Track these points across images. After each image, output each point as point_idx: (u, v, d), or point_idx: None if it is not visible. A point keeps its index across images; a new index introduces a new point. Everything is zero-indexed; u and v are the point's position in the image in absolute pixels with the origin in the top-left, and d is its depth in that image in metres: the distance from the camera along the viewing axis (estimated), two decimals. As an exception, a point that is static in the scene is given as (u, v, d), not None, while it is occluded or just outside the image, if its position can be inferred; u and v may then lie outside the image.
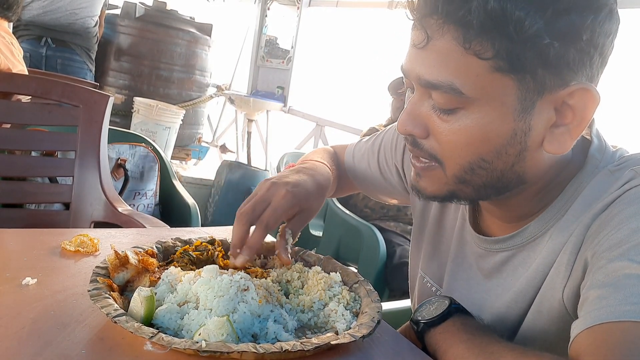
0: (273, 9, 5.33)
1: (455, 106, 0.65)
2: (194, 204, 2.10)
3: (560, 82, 0.63)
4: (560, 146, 0.66)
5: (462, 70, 0.63)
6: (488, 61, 0.61)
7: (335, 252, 2.50)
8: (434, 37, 0.64)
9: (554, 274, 0.70)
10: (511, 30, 0.59)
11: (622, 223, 0.62)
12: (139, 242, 0.86)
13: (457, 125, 0.66)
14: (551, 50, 0.60)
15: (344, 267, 0.85)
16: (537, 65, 0.61)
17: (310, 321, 0.72)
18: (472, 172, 0.68)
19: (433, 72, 0.64)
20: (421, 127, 0.69)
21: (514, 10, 0.58)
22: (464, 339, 0.66)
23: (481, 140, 0.66)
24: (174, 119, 4.17)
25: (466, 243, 0.85)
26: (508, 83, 0.63)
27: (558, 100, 0.64)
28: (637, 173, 0.67)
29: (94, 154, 1.65)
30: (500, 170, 0.68)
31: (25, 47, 3.25)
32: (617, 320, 0.55)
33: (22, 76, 1.89)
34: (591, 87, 0.63)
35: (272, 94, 5.15)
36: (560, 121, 0.66)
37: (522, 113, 0.64)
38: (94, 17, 3.86)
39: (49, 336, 0.59)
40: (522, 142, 0.66)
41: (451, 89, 0.63)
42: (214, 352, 0.57)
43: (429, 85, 0.65)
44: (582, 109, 0.64)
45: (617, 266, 0.59)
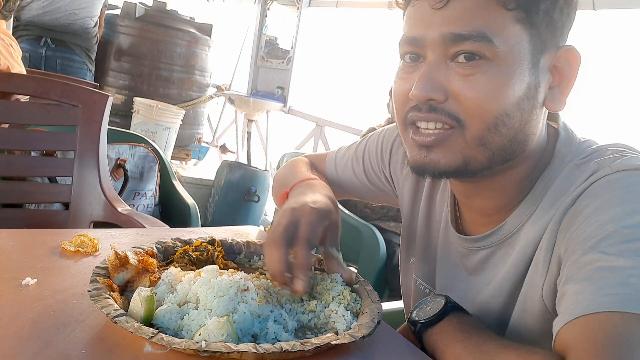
0: (273, 9, 5.33)
1: (484, 55, 0.66)
2: (194, 204, 2.10)
3: (554, 43, 0.69)
4: (558, 103, 0.71)
5: (492, 20, 0.65)
6: (512, 12, 0.65)
7: (335, 252, 2.50)
8: None
9: (533, 271, 0.72)
10: None
11: (590, 217, 0.64)
12: (138, 242, 0.86)
13: (484, 78, 0.66)
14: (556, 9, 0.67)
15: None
16: (544, 22, 0.67)
17: (310, 322, 0.72)
18: (496, 130, 0.68)
19: (461, 25, 0.66)
20: (441, 91, 0.68)
21: None
22: (461, 339, 0.67)
23: (507, 91, 0.67)
24: (174, 119, 4.17)
25: (450, 243, 0.87)
26: (524, 37, 0.67)
27: (551, 62, 0.70)
28: (600, 165, 0.69)
29: (93, 154, 1.65)
30: (516, 129, 0.70)
31: (24, 47, 3.26)
32: (594, 312, 0.56)
33: (21, 76, 1.89)
34: (574, 47, 0.70)
35: (272, 94, 5.15)
36: (553, 82, 0.71)
37: (533, 68, 0.68)
38: (93, 17, 3.86)
39: (49, 336, 0.59)
40: (534, 96, 0.69)
41: (482, 37, 0.65)
42: (214, 352, 0.57)
43: (458, 37, 0.66)
44: (568, 69, 0.70)
45: (589, 259, 0.60)
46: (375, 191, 1.05)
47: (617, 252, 0.59)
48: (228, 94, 5.19)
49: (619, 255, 0.59)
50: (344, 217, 2.44)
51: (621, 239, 0.60)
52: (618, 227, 0.61)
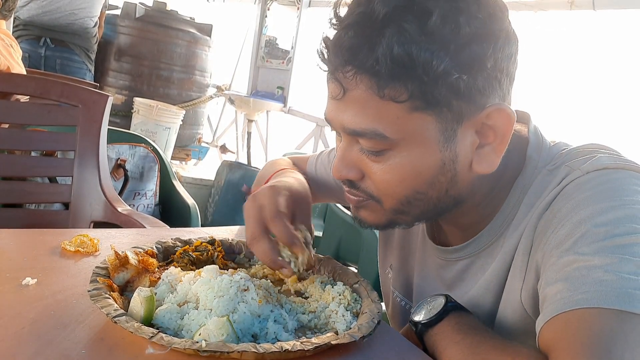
0: (273, 10, 5.33)
1: (383, 148, 0.68)
2: (194, 204, 2.10)
3: (475, 107, 0.66)
4: (489, 165, 0.70)
5: (382, 116, 0.65)
6: (405, 103, 0.64)
7: (335, 252, 2.50)
8: (350, 88, 0.66)
9: (512, 277, 0.73)
10: (420, 72, 0.62)
11: (564, 220, 0.65)
12: (138, 242, 0.86)
13: (388, 165, 0.68)
14: (461, 83, 0.63)
15: (344, 267, 0.85)
16: (450, 98, 0.64)
17: (310, 322, 0.72)
18: (409, 204, 0.71)
19: (355, 121, 0.67)
20: (355, 170, 0.72)
21: (419, 53, 0.61)
22: (457, 340, 0.67)
23: (413, 175, 0.69)
24: (174, 119, 4.17)
25: (428, 256, 0.87)
26: (427, 119, 0.66)
27: (477, 124, 0.68)
28: (571, 169, 0.69)
29: (93, 154, 1.65)
30: (436, 198, 0.71)
31: (24, 47, 3.25)
32: (572, 309, 0.58)
33: (21, 76, 1.89)
34: (504, 106, 0.67)
35: (272, 94, 5.15)
36: (484, 141, 0.69)
37: (446, 143, 0.67)
38: (93, 17, 3.86)
39: (49, 336, 0.59)
40: (451, 169, 0.69)
41: (375, 134, 0.66)
42: (214, 352, 0.57)
43: (354, 132, 0.68)
44: (501, 127, 0.68)
45: (566, 261, 0.62)
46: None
47: (591, 251, 0.60)
48: (228, 94, 5.19)
49: (594, 254, 0.60)
50: (344, 217, 2.44)
51: (594, 238, 0.61)
52: (591, 227, 0.62)
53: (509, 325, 0.73)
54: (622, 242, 0.60)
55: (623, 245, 0.60)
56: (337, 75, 0.67)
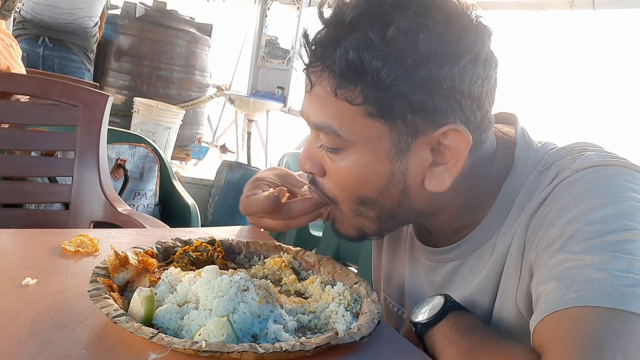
0: (273, 9, 5.33)
1: (337, 146, 0.70)
2: (194, 204, 2.09)
3: (431, 125, 0.66)
4: (439, 184, 0.70)
5: (339, 114, 0.67)
6: (359, 107, 0.66)
7: (335, 252, 2.50)
8: (316, 83, 0.69)
9: (505, 279, 0.73)
10: (370, 80, 0.63)
11: (555, 219, 0.65)
12: (138, 242, 0.86)
13: (341, 165, 0.71)
14: (414, 98, 0.64)
15: (344, 267, 0.85)
16: (405, 111, 0.65)
17: (310, 322, 0.72)
18: (364, 206, 0.73)
19: (317, 115, 0.69)
20: (318, 166, 0.74)
21: (371, 61, 0.62)
22: (454, 341, 0.67)
23: (361, 180, 0.70)
24: (174, 119, 4.17)
25: (417, 260, 0.87)
26: (380, 127, 0.67)
27: (433, 141, 0.68)
28: (561, 168, 0.70)
29: (93, 154, 1.65)
30: (390, 207, 0.72)
31: (22, 46, 3.25)
32: (564, 308, 0.58)
33: (21, 76, 1.89)
34: (461, 128, 0.67)
35: (272, 94, 5.15)
36: (440, 160, 0.69)
37: (398, 155, 0.69)
38: (92, 17, 3.86)
39: (49, 336, 0.59)
40: (401, 181, 0.70)
41: (331, 130, 0.68)
42: (214, 352, 0.57)
43: (315, 126, 0.71)
44: (456, 149, 0.68)
45: (558, 260, 0.62)
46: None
47: (583, 249, 0.61)
48: (228, 94, 5.19)
49: (585, 253, 0.60)
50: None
51: (585, 236, 0.61)
52: (581, 226, 0.62)
53: (505, 327, 0.73)
54: (613, 239, 0.60)
55: (614, 243, 0.60)
56: (309, 70, 0.70)
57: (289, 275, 0.84)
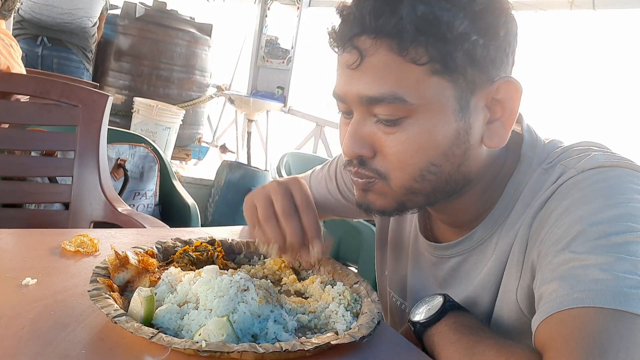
0: (273, 9, 5.33)
1: (401, 116, 0.67)
2: (194, 204, 2.09)
3: (486, 78, 0.67)
4: (499, 139, 0.70)
5: (403, 78, 0.65)
6: (425, 66, 0.65)
7: (335, 252, 2.50)
8: (368, 54, 0.66)
9: (507, 276, 0.72)
10: (444, 31, 0.63)
11: (559, 219, 0.65)
12: (139, 242, 0.86)
13: (404, 135, 0.68)
14: (477, 49, 0.65)
15: (344, 267, 0.85)
16: (466, 64, 0.65)
17: (310, 322, 0.72)
18: (422, 179, 0.70)
19: (374, 87, 0.66)
20: (368, 147, 0.71)
21: (442, 13, 0.63)
22: (453, 340, 0.67)
23: (429, 144, 0.68)
24: (174, 119, 4.16)
25: (420, 254, 0.86)
26: (445, 85, 0.66)
27: (488, 97, 0.69)
28: (566, 167, 0.70)
29: (93, 154, 1.65)
30: (448, 173, 0.70)
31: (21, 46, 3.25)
32: (568, 309, 0.58)
33: (21, 76, 1.89)
34: (513, 79, 0.68)
35: (272, 94, 5.15)
36: (493, 116, 0.70)
37: (461, 113, 0.68)
38: (91, 17, 3.85)
39: (49, 336, 0.59)
40: (465, 141, 0.69)
41: (395, 98, 0.66)
42: (214, 352, 0.57)
43: (372, 100, 0.67)
44: (509, 101, 0.69)
45: (561, 260, 0.62)
46: (352, 208, 1.02)
47: (587, 250, 0.60)
48: (228, 94, 5.19)
49: (590, 253, 0.60)
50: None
51: (590, 237, 0.61)
52: (586, 226, 0.62)
53: (506, 325, 0.73)
54: (618, 240, 0.60)
55: (619, 244, 0.60)
56: (354, 43, 0.67)
57: (289, 275, 0.84)
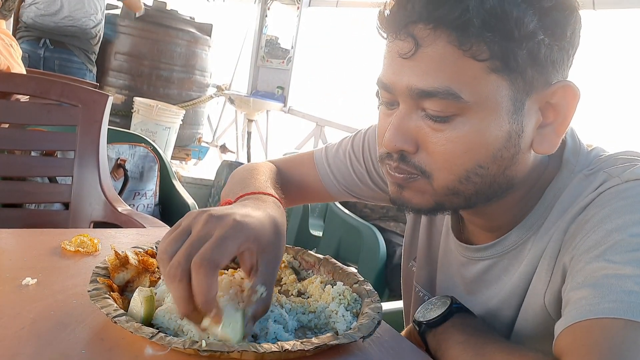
0: (273, 9, 5.33)
1: (452, 113, 0.63)
2: (194, 204, 2.10)
3: (544, 81, 0.64)
4: (550, 145, 0.67)
5: (459, 73, 0.62)
6: (484, 62, 0.61)
7: (335, 252, 2.50)
8: (424, 44, 0.62)
9: (536, 280, 0.70)
10: (512, 28, 0.59)
11: (597, 225, 0.62)
12: (138, 242, 0.86)
13: (454, 133, 0.64)
14: (542, 48, 0.61)
15: (344, 267, 0.85)
16: (527, 64, 0.62)
17: (310, 322, 0.72)
18: (467, 181, 0.67)
19: (427, 80, 0.63)
20: (411, 142, 0.67)
21: (512, 8, 0.59)
22: (461, 341, 0.66)
23: (480, 145, 0.65)
24: (174, 119, 4.17)
25: (450, 251, 0.85)
26: (502, 84, 0.63)
27: (542, 100, 0.65)
28: (609, 175, 0.67)
29: (93, 154, 1.65)
30: (494, 175, 0.67)
31: (24, 47, 3.25)
32: (597, 318, 0.56)
33: (21, 76, 1.89)
34: (571, 83, 0.65)
35: (272, 94, 5.15)
36: (545, 121, 0.67)
37: (515, 114, 0.64)
38: (92, 16, 3.85)
39: (49, 336, 0.59)
40: (516, 144, 0.66)
41: (449, 94, 0.62)
42: (214, 351, 0.57)
43: (423, 94, 0.63)
44: (564, 106, 0.66)
45: (595, 267, 0.59)
46: (379, 192, 0.97)
47: (623, 260, 0.58)
48: (228, 94, 5.19)
49: (626, 264, 0.58)
50: (344, 217, 2.44)
51: (628, 247, 0.59)
52: (625, 236, 0.59)
53: (530, 329, 0.71)
54: None
55: None
56: (410, 31, 0.63)
57: (289, 275, 0.84)
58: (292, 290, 0.81)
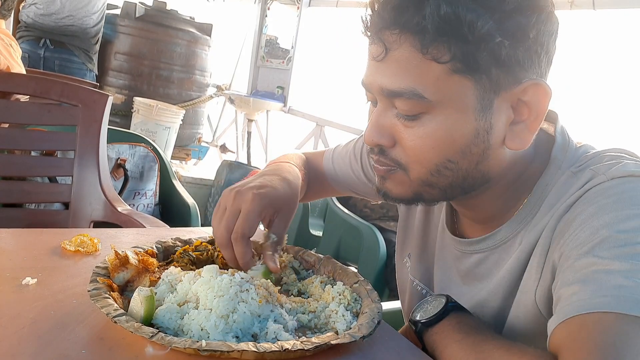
0: (273, 9, 5.33)
1: (419, 111, 0.67)
2: (194, 204, 2.10)
3: (513, 80, 0.66)
4: (522, 142, 0.69)
5: (423, 75, 0.65)
6: (446, 64, 0.64)
7: (335, 252, 2.50)
8: (392, 48, 0.66)
9: (527, 277, 0.72)
10: (465, 32, 0.62)
11: (584, 223, 0.64)
12: (139, 242, 0.86)
13: (422, 130, 0.68)
14: (502, 50, 0.63)
15: (344, 267, 0.85)
16: (490, 64, 0.64)
17: (310, 322, 0.72)
18: (439, 174, 0.70)
19: (395, 81, 0.67)
20: (388, 137, 0.71)
21: (465, 13, 0.62)
22: (458, 339, 0.67)
23: (446, 141, 0.68)
24: (174, 119, 4.17)
25: (446, 245, 0.87)
26: (466, 84, 0.65)
27: (513, 98, 0.67)
28: (595, 173, 0.69)
29: (93, 154, 1.65)
30: (465, 170, 0.70)
31: (24, 48, 3.25)
32: (588, 312, 0.57)
33: (21, 76, 1.89)
34: (542, 82, 0.67)
35: (272, 94, 5.15)
36: (518, 118, 0.69)
37: (482, 112, 0.67)
38: (92, 15, 3.85)
39: (49, 336, 0.59)
40: (485, 140, 0.69)
41: (414, 94, 0.66)
42: (214, 351, 0.57)
43: (392, 94, 0.67)
44: (536, 104, 0.67)
45: (584, 263, 0.61)
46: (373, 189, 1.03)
47: (612, 256, 0.59)
48: (228, 93, 5.19)
49: (614, 259, 0.59)
50: (344, 217, 2.44)
51: (616, 243, 0.60)
52: (612, 232, 0.61)
53: (521, 326, 0.72)
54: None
55: None
56: (381, 36, 0.67)
57: (289, 275, 0.84)
58: (292, 290, 0.81)
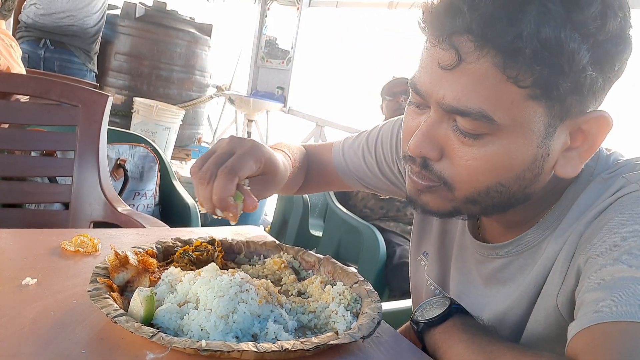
0: (273, 9, 5.33)
1: (483, 132, 0.63)
2: (194, 204, 2.10)
3: (582, 108, 0.63)
4: (573, 169, 0.67)
5: (497, 97, 0.60)
6: (525, 89, 0.59)
7: (335, 252, 2.50)
8: (467, 60, 0.60)
9: (550, 281, 0.70)
10: (564, 62, 0.57)
11: (614, 229, 0.62)
12: (138, 242, 0.86)
13: (482, 151, 0.64)
14: (587, 80, 0.59)
15: (344, 267, 0.85)
16: (568, 93, 0.60)
17: (310, 322, 0.72)
18: (487, 195, 0.67)
19: (463, 98, 0.61)
20: (437, 150, 0.66)
21: (568, 42, 0.57)
22: (464, 339, 0.66)
23: (505, 166, 0.64)
24: (174, 119, 4.17)
25: (466, 248, 0.85)
26: (538, 110, 0.61)
27: (575, 126, 0.64)
28: (628, 181, 0.67)
29: (93, 154, 1.65)
30: (514, 192, 0.68)
31: (24, 48, 3.25)
32: (614, 321, 0.55)
33: (21, 76, 1.89)
34: (606, 114, 0.64)
35: (272, 94, 5.16)
36: (572, 145, 0.66)
37: (545, 139, 0.64)
38: (92, 15, 3.85)
39: (49, 336, 0.59)
40: (540, 166, 0.66)
41: (482, 116, 0.61)
42: (214, 351, 0.57)
43: (456, 111, 0.62)
44: (594, 134, 0.65)
45: (611, 270, 0.59)
46: (387, 184, 1.00)
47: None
48: (228, 94, 5.19)
49: None
50: (344, 217, 2.44)
51: None
52: None
53: (541, 330, 0.71)
54: None
55: None
56: (454, 42, 0.60)
57: (289, 275, 0.84)
58: (292, 290, 0.81)
